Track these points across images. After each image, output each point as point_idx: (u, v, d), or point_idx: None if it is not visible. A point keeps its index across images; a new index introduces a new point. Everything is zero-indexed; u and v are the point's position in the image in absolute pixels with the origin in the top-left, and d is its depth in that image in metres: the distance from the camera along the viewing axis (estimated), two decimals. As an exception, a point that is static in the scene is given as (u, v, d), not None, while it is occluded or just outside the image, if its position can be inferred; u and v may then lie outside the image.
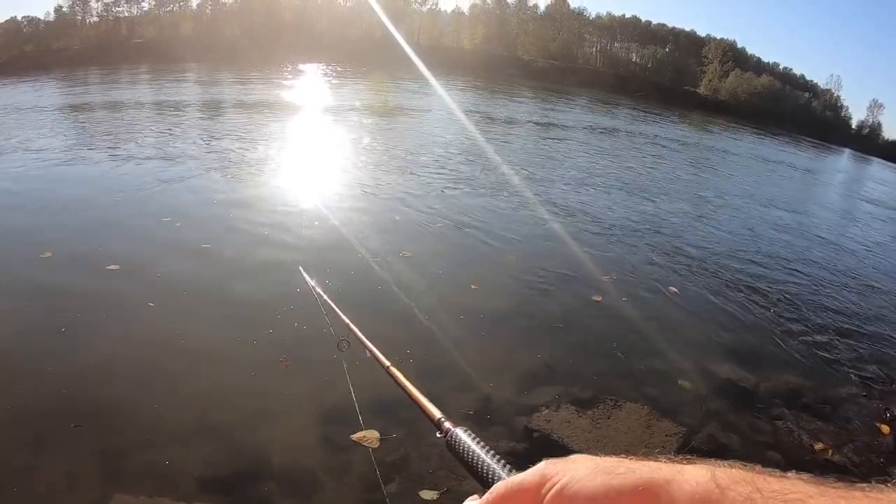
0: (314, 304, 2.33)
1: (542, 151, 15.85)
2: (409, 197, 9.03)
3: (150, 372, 4.03)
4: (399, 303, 5.34)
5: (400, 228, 7.54)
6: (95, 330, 4.52)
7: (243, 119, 15.82)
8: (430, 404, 0.99)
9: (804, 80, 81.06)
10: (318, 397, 3.88)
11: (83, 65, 34.14)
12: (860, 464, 3.98)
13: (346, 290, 5.44)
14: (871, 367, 5.52)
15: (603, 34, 78.15)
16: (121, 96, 20.05)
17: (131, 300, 4.99)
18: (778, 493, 0.50)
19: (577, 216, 9.18)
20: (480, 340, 4.97)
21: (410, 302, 5.34)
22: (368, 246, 6.65)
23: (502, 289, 6.08)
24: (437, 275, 6.17)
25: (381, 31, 57.05)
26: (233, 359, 4.27)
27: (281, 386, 4.01)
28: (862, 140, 70.98)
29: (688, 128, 34.97)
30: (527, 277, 6.42)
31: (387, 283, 5.71)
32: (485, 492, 0.71)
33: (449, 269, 6.40)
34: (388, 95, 26.84)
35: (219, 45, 49.87)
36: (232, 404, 3.77)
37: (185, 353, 4.28)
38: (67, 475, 3.04)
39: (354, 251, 6.46)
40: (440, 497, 3.10)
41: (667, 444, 3.72)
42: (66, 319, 4.59)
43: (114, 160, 9.96)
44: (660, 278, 6.92)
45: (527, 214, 8.90)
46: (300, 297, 5.02)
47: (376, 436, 3.49)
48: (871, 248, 11.20)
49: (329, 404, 3.80)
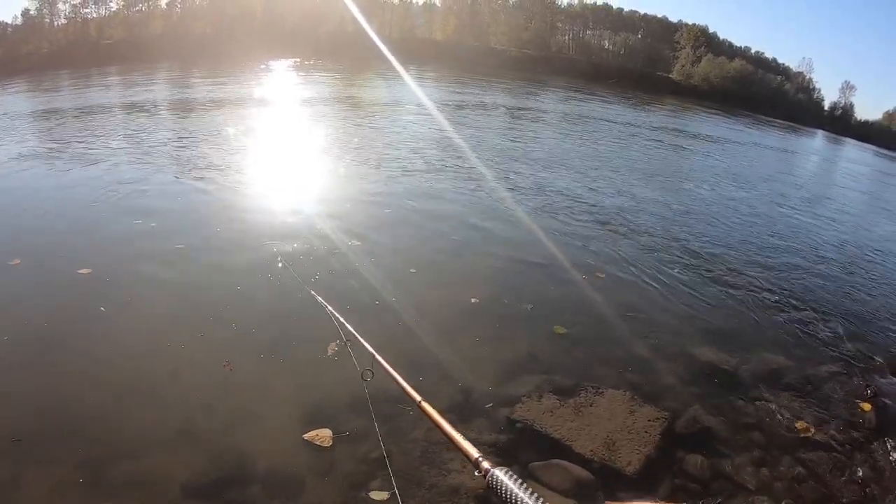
0: (299, 301, 2.28)
1: (513, 145, 15.78)
2: (369, 185, 9.07)
3: (130, 379, 3.93)
4: (374, 295, 5.29)
5: (372, 216, 7.47)
6: (70, 337, 4.40)
7: (216, 118, 15.58)
8: (467, 442, 0.96)
9: (776, 64, 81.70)
10: (302, 398, 3.83)
11: (53, 68, 33.54)
12: (842, 441, 3.99)
13: (326, 280, 5.38)
14: (851, 345, 5.55)
15: (575, 22, 78.09)
16: (90, 99, 19.70)
17: (106, 305, 4.87)
18: None
19: (551, 202, 9.16)
20: (459, 331, 4.94)
21: (385, 293, 5.30)
22: (342, 233, 6.62)
23: (478, 277, 6.04)
24: (406, 264, 6.13)
25: (354, 26, 56.61)
26: (212, 362, 4.18)
27: (264, 388, 3.94)
28: (835, 121, 71.82)
29: (661, 113, 35.12)
30: (503, 265, 6.40)
31: (359, 273, 5.67)
32: None
33: (413, 259, 6.37)
34: (360, 90, 26.64)
35: (189, 43, 49.28)
36: (215, 409, 3.69)
37: (164, 358, 4.18)
38: (50, 489, 2.97)
39: (331, 241, 6.42)
40: (390, 498, 3.05)
41: (650, 429, 3.69)
42: (37, 327, 4.48)
43: (82, 164, 9.75)
44: (635, 263, 6.92)
45: (499, 204, 8.85)
46: (283, 293, 4.98)
47: (329, 434, 3.45)
48: (846, 227, 11.33)
49: (313, 405, 3.75)
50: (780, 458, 3.75)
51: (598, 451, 3.46)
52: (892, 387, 4.87)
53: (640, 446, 3.54)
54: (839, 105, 79.37)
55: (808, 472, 3.65)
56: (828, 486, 3.55)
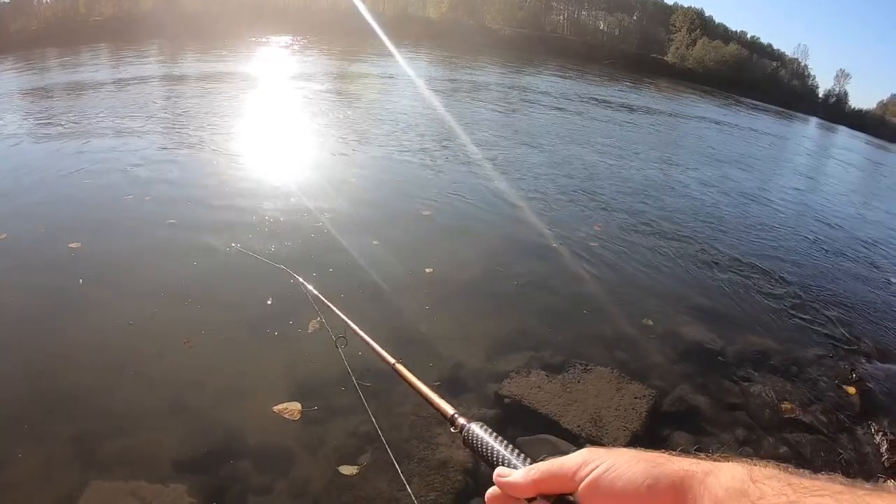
0: (282, 281, 2.26)
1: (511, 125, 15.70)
2: (360, 169, 9.02)
3: (120, 354, 3.91)
4: (361, 274, 5.28)
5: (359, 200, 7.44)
6: (61, 313, 4.38)
7: (209, 96, 15.33)
8: (441, 400, 0.99)
9: (771, 50, 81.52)
10: (290, 373, 3.83)
11: (41, 46, 33.00)
12: (827, 423, 4.03)
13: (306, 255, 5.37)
14: (838, 329, 5.59)
15: (570, 2, 77.62)
16: (81, 76, 19.30)
17: (96, 280, 4.84)
18: (808, 489, 0.52)
19: (544, 183, 9.14)
20: (448, 309, 4.94)
21: (374, 274, 5.28)
22: (321, 209, 6.60)
23: (466, 258, 6.03)
24: (394, 248, 6.12)
25: (347, 3, 55.95)
26: (203, 338, 4.17)
27: (253, 364, 3.94)
28: (829, 108, 71.86)
29: (655, 95, 35.02)
30: (490, 246, 6.39)
31: (346, 251, 5.66)
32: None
33: (406, 243, 6.36)
34: (351, 67, 26.35)
35: (180, 19, 48.49)
36: (204, 384, 3.68)
37: (154, 335, 4.16)
38: (43, 465, 2.98)
39: (315, 218, 6.39)
40: (361, 470, 3.07)
41: (637, 406, 3.71)
42: (27, 304, 4.46)
43: (72, 140, 9.60)
44: (626, 243, 6.92)
45: (488, 186, 8.80)
46: (268, 274, 4.96)
47: (298, 408, 3.46)
48: (837, 212, 11.36)
49: (300, 379, 3.75)
50: (764, 437, 3.79)
51: (584, 426, 3.48)
52: (878, 371, 4.92)
53: (626, 423, 3.56)
54: (833, 93, 79.47)
55: (793, 451, 3.68)
56: (811, 467, 3.57)
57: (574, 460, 0.66)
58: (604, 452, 0.66)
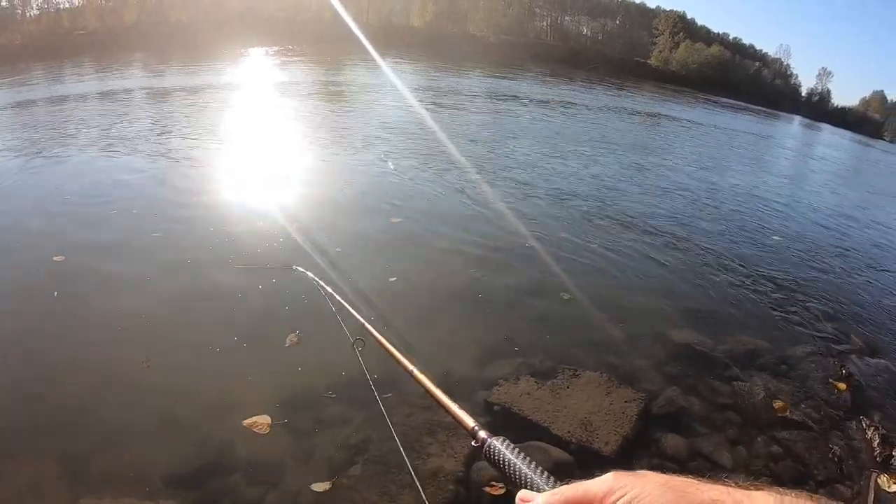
0: (284, 283, 2.22)
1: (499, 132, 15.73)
2: (354, 172, 8.97)
3: (109, 369, 3.85)
4: (341, 283, 5.22)
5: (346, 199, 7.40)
6: (46, 327, 4.33)
7: (193, 108, 15.26)
8: (462, 412, 0.94)
9: (754, 50, 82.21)
10: (282, 384, 3.79)
11: (25, 60, 32.80)
12: (818, 420, 4.02)
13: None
14: (827, 325, 5.59)
15: (553, 8, 77.91)
16: (65, 91, 19.21)
17: (82, 293, 4.79)
18: None
19: (532, 189, 9.13)
20: (434, 317, 4.91)
21: (355, 282, 5.24)
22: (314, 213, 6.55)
23: (454, 266, 6.00)
24: (375, 255, 6.08)
25: (331, 13, 56.03)
26: (192, 349, 4.13)
27: (242, 376, 3.88)
28: (812, 107, 72.55)
29: (639, 97, 35.20)
30: (478, 252, 6.35)
31: (332, 259, 5.61)
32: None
33: (394, 247, 6.32)
34: (335, 78, 26.34)
35: (165, 32, 48.49)
36: (194, 398, 3.63)
37: (142, 347, 4.09)
38: (32, 482, 2.92)
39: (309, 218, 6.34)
40: (331, 488, 3.02)
41: (627, 410, 3.68)
42: (10, 317, 4.42)
43: (58, 154, 9.52)
44: (611, 246, 6.91)
45: (469, 194, 8.80)
46: (275, 276, 4.92)
47: (267, 421, 3.41)
48: (825, 210, 11.41)
49: (292, 391, 3.71)
50: (756, 437, 3.77)
51: (575, 432, 3.45)
52: (868, 367, 4.91)
53: (617, 427, 3.53)
54: (816, 91, 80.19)
55: (785, 450, 3.66)
56: (804, 464, 3.57)
57: (600, 487, 0.65)
58: (631, 479, 0.64)
